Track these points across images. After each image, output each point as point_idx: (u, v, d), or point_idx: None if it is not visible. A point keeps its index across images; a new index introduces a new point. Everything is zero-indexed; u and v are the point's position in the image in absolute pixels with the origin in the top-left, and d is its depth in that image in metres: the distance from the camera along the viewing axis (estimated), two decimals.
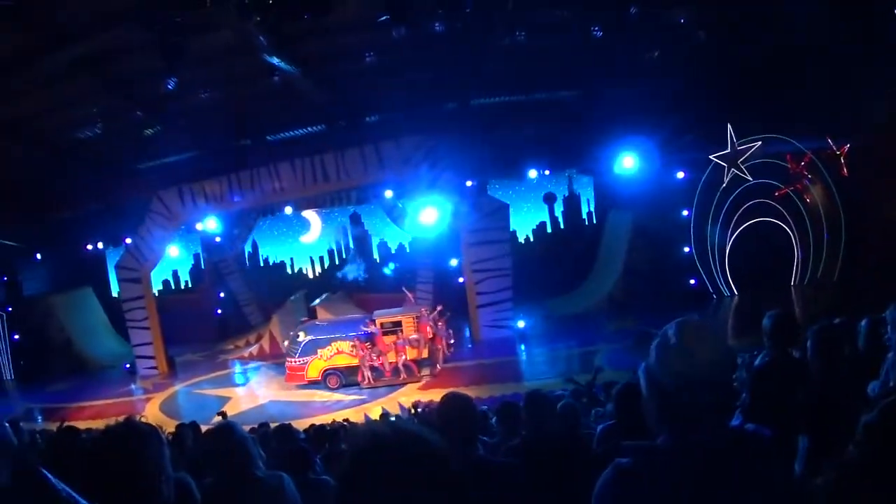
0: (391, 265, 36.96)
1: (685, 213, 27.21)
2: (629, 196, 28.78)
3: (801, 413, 3.80)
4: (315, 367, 24.34)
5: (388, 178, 28.48)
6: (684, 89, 24.29)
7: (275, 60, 19.78)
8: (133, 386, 29.22)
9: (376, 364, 23.92)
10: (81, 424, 13.00)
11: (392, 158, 27.22)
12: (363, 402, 22.54)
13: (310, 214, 34.44)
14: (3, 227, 31.96)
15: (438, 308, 26.02)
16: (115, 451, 2.96)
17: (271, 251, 39.38)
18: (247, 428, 5.21)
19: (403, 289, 28.90)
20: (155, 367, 30.33)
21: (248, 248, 37.82)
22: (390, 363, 23.86)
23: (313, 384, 24.50)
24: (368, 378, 23.89)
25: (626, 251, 29.44)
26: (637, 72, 23.35)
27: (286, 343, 25.89)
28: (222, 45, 18.77)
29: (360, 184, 29.20)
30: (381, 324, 24.10)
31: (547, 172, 29.71)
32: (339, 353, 24.29)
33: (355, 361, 24.08)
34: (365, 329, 24.20)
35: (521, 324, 27.44)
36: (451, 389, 6.33)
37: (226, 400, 24.67)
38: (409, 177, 27.40)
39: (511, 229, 29.93)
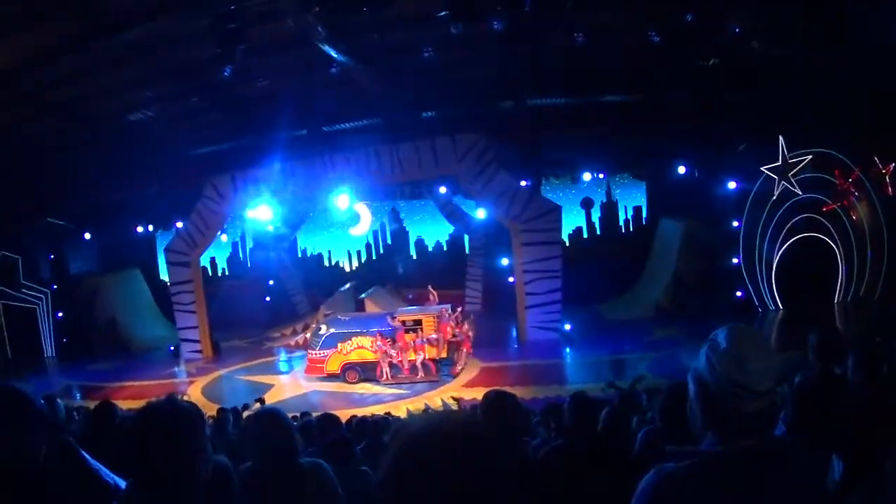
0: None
1: (735, 223, 26.99)
2: (682, 203, 28.61)
3: (840, 430, 3.77)
4: (335, 360, 24.48)
5: (442, 173, 28.42)
6: (739, 98, 24.16)
7: (333, 52, 19.76)
8: (176, 368, 29.40)
9: (395, 361, 23.96)
10: (121, 404, 13.07)
11: (447, 154, 27.11)
12: (405, 396, 22.44)
13: (360, 207, 34.43)
14: (54, 207, 32.25)
15: (459, 309, 26.25)
16: (155, 428, 2.93)
17: (309, 242, 39.58)
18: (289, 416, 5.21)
19: (429, 287, 28.79)
20: (199, 351, 30.48)
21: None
22: (409, 361, 23.86)
23: (332, 377, 24.65)
24: (387, 374, 23.95)
25: (676, 260, 29.13)
26: (694, 79, 23.27)
27: (308, 335, 25.99)
28: (281, 34, 18.74)
29: (414, 178, 29.19)
30: (402, 321, 24.19)
31: (601, 176, 29.56)
32: (360, 348, 24.38)
33: (375, 357, 24.11)
34: (386, 326, 24.28)
35: (567, 327, 27.25)
36: (494, 387, 6.33)
37: (269, 387, 24.67)
38: (464, 174, 27.24)
39: None
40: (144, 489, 2.86)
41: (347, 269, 39.60)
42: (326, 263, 39.87)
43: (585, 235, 35.78)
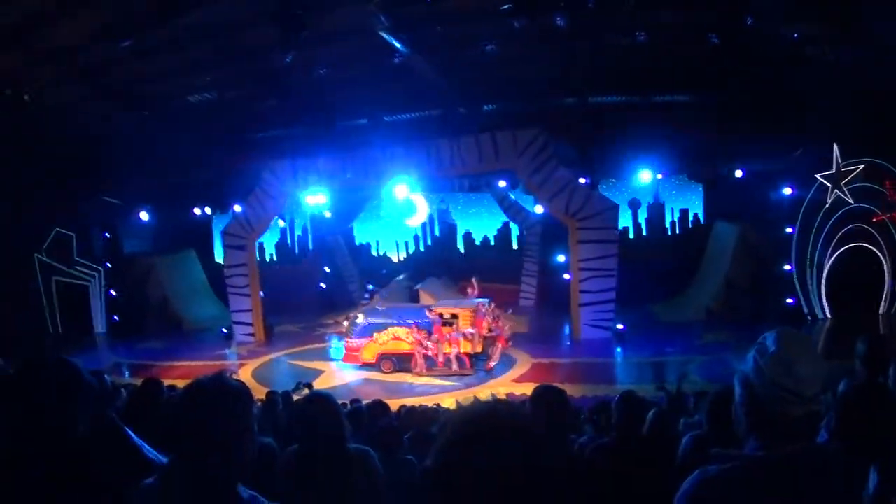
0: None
1: (789, 229, 26.78)
2: (737, 207, 28.43)
3: (882, 439, 3.72)
4: (370, 349, 24.75)
5: (502, 167, 28.37)
6: (798, 104, 23.96)
7: (395, 42, 19.75)
8: (227, 350, 29.67)
9: (430, 353, 24.04)
10: (170, 383, 13.19)
11: (507, 149, 27.06)
12: (454, 388, 22.40)
13: (416, 198, 34.52)
14: (111, 186, 32.54)
15: (493, 305, 26.23)
16: (202, 404, 2.91)
17: (358, 231, 39.70)
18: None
19: (473, 280, 28.83)
20: (252, 335, 30.78)
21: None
22: (444, 354, 23.93)
23: (368, 366, 24.92)
24: (421, 366, 24.04)
25: (728, 263, 28.90)
26: (753, 82, 23.11)
27: (346, 323, 26.16)
28: (344, 22, 18.75)
29: (473, 171, 29.09)
30: (439, 314, 24.31)
31: (659, 176, 29.40)
32: (395, 338, 24.60)
33: (410, 348, 24.30)
34: (422, 318, 24.47)
35: (619, 326, 27.17)
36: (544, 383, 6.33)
37: (319, 373, 24.86)
38: (523, 168, 27.16)
39: None
40: (186, 466, 2.85)
41: (395, 259, 39.69)
42: (374, 253, 39.97)
43: (631, 236, 35.62)
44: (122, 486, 3.06)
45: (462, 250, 38.85)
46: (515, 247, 37.12)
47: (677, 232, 35.21)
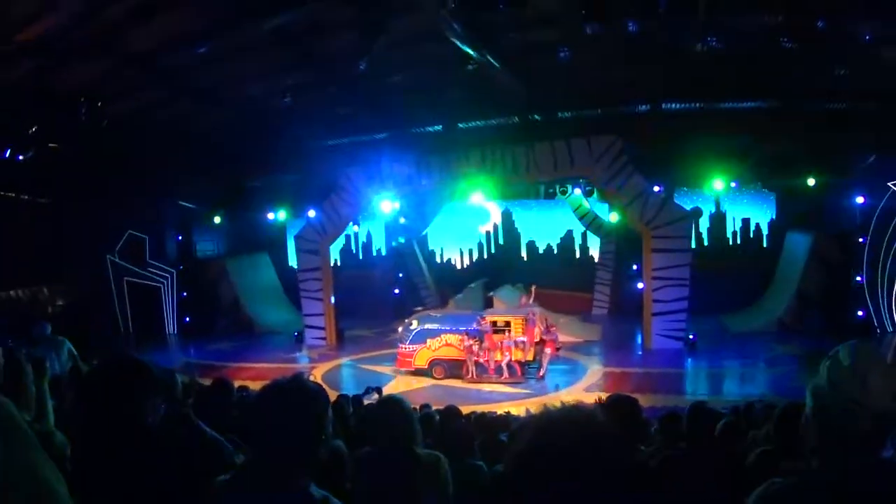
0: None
1: (861, 240, 26.45)
2: (810, 216, 28.13)
3: None
4: (423, 355, 25.02)
5: (576, 174, 28.22)
6: (870, 110, 23.65)
7: (469, 49, 19.73)
8: (298, 353, 29.93)
9: (481, 360, 24.14)
10: (239, 384, 13.31)
11: (582, 156, 27.01)
12: (525, 396, 22.35)
13: (489, 205, 34.63)
14: (188, 189, 32.95)
15: (543, 313, 26.53)
16: (282, 404, 2.96)
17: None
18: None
19: (533, 287, 28.96)
20: (323, 338, 30.99)
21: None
22: (495, 361, 23.99)
23: (420, 372, 25.11)
24: (472, 373, 24.20)
25: (800, 275, 28.50)
26: (827, 88, 22.79)
27: (400, 329, 26.25)
28: (418, 29, 18.76)
29: (548, 178, 29.04)
30: (491, 322, 24.43)
31: (733, 185, 29.14)
32: (447, 345, 24.82)
33: (461, 355, 24.43)
34: (474, 326, 24.52)
35: (691, 336, 26.95)
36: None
37: (389, 378, 24.99)
38: (598, 175, 27.09)
39: None
40: (262, 463, 2.90)
41: (459, 265, 39.69)
42: (438, 259, 40.00)
43: (693, 245, 35.37)
44: (200, 474, 3.19)
45: (525, 258, 38.78)
46: (578, 255, 36.87)
47: (738, 241, 34.76)
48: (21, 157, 20.62)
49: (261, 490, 2.85)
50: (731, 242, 34.96)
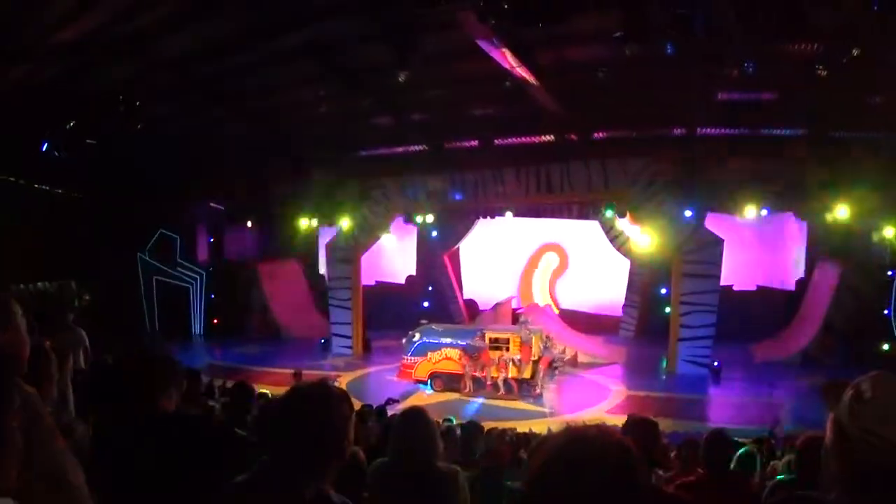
0: None
1: (890, 273, 26.28)
2: (839, 248, 27.97)
3: None
4: (423, 368, 25.46)
5: (610, 196, 28.30)
6: None
7: (508, 65, 19.69)
8: (323, 361, 29.96)
9: (479, 376, 24.45)
10: (262, 389, 13.36)
11: (617, 177, 27.11)
12: (547, 415, 22.43)
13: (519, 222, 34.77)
14: (219, 193, 33.27)
15: (546, 334, 26.79)
16: (306, 407, 2.97)
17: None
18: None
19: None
20: (350, 347, 31.30)
21: None
22: (492, 377, 24.25)
23: (420, 383, 25.51)
24: (469, 388, 24.52)
25: (827, 306, 28.29)
26: (863, 116, 22.74)
27: (404, 341, 26.51)
28: (456, 44, 18.82)
29: (582, 199, 29.18)
30: (489, 339, 24.68)
31: (764, 213, 28.94)
32: (447, 359, 25.16)
33: (460, 369, 24.78)
34: (473, 341, 24.81)
35: (715, 363, 26.86)
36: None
37: (414, 390, 25.02)
38: (632, 197, 27.17)
39: None
40: (282, 465, 2.92)
41: (488, 281, 39.61)
42: (470, 274, 39.95)
43: None
44: (219, 469, 3.27)
45: None
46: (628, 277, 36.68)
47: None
48: (57, 153, 20.87)
49: (279, 491, 2.87)
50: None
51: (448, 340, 25.42)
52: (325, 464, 2.94)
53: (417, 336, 25.92)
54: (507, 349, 24.34)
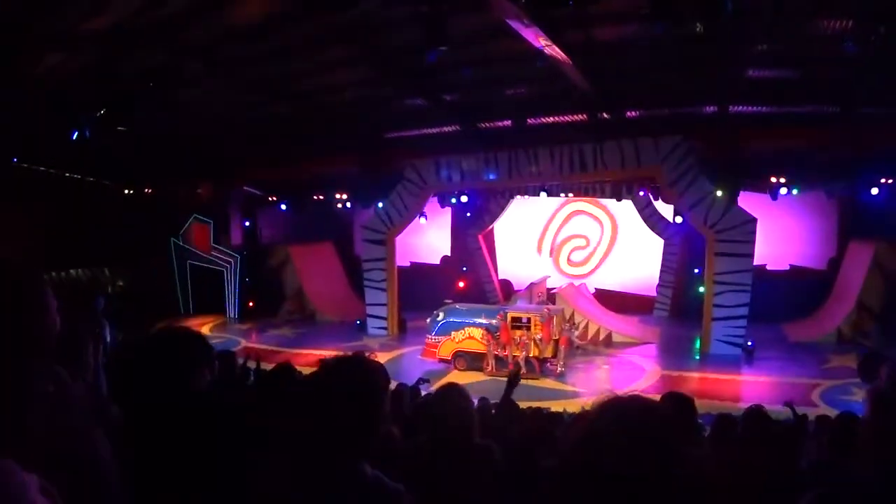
0: None
1: None
2: (874, 226, 27.74)
3: None
4: (447, 347, 25.65)
5: (643, 174, 28.34)
6: None
7: (539, 45, 19.62)
8: (359, 342, 29.91)
9: (501, 355, 24.60)
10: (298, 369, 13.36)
11: (649, 156, 27.03)
12: (577, 395, 22.53)
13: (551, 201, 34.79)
14: (257, 177, 33.51)
15: (569, 314, 27.18)
16: (343, 378, 2.99)
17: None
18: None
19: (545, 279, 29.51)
20: (385, 328, 31.49)
21: None
22: (514, 356, 24.33)
23: (444, 362, 25.75)
24: (492, 367, 24.70)
25: (861, 285, 28.16)
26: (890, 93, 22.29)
27: (428, 320, 26.75)
28: (487, 24, 18.77)
29: (615, 177, 29.17)
30: (510, 318, 24.81)
31: (795, 192, 28.73)
32: (470, 338, 25.33)
33: (482, 349, 25.01)
34: (496, 321, 25.02)
35: (749, 343, 26.82)
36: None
37: (447, 370, 25.16)
38: (664, 175, 27.11)
39: None
40: (317, 437, 2.92)
41: (523, 261, 39.65)
42: (505, 254, 40.02)
43: None
44: (253, 445, 3.32)
45: None
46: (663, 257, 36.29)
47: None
48: (88, 140, 21.05)
49: (314, 464, 2.89)
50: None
51: (471, 320, 25.65)
52: (360, 438, 2.95)
53: (441, 315, 26.13)
54: (529, 328, 24.47)
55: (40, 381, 2.24)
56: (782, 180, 27.56)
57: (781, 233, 31.83)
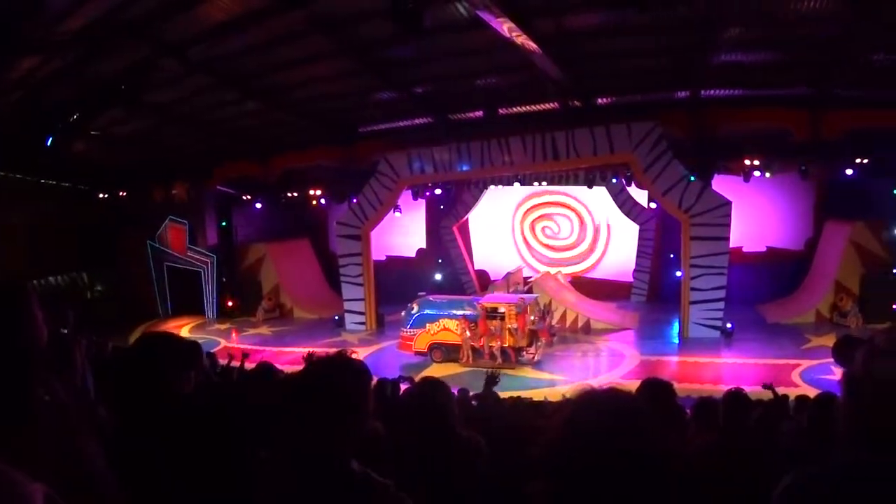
0: None
1: None
2: (848, 207, 27.89)
3: None
4: (423, 339, 25.77)
5: (616, 160, 28.19)
6: None
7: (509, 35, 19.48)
8: (338, 338, 30.00)
9: (477, 345, 24.73)
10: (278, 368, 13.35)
11: (622, 141, 26.96)
12: (562, 383, 22.48)
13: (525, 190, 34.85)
14: (231, 174, 33.37)
15: (544, 303, 27.02)
16: (327, 378, 2.99)
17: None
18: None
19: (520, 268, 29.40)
20: (363, 323, 31.48)
21: None
22: (489, 347, 24.49)
23: (420, 355, 25.80)
24: (468, 357, 24.85)
25: (838, 266, 28.35)
26: (867, 75, 22.66)
27: (403, 313, 26.84)
28: (458, 16, 18.71)
29: (588, 164, 28.99)
30: (485, 309, 24.82)
31: (768, 175, 28.81)
32: (446, 329, 25.45)
33: (458, 340, 25.12)
34: (470, 312, 25.13)
35: (728, 325, 26.92)
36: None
37: (427, 363, 25.28)
38: (638, 161, 27.02)
39: None
40: (305, 437, 2.91)
41: (498, 251, 39.65)
42: (480, 245, 39.97)
43: None
44: (239, 446, 3.35)
45: None
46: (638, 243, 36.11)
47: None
48: (61, 145, 20.89)
49: (303, 464, 2.90)
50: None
51: (446, 311, 25.68)
52: (347, 435, 2.95)
53: (416, 308, 26.15)
54: (504, 318, 24.48)
55: (36, 391, 2.30)
56: (756, 163, 27.58)
57: (757, 215, 31.93)
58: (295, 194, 33.99)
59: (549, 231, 37.84)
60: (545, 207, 37.57)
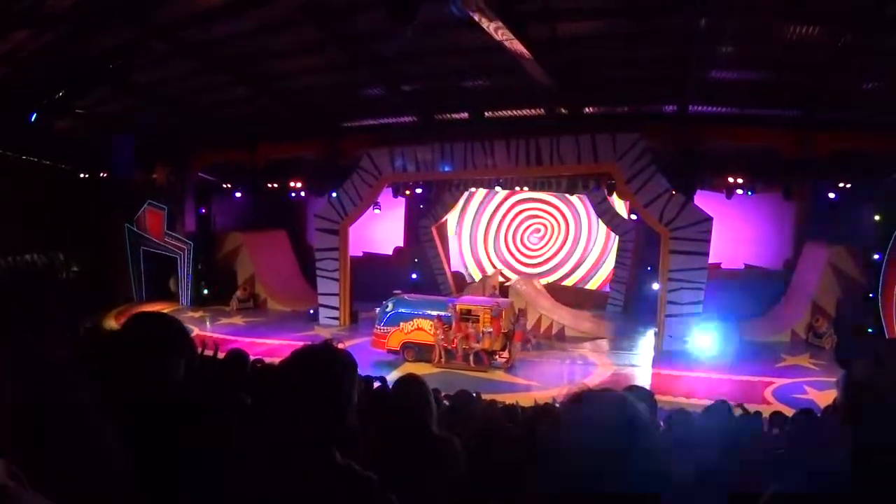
0: None
1: (877, 256, 26.20)
2: (828, 229, 28.00)
3: None
4: (396, 338, 25.71)
5: (599, 170, 28.23)
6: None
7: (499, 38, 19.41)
8: (311, 332, 29.63)
9: (450, 347, 24.75)
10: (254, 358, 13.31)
11: (606, 151, 26.97)
12: (535, 388, 22.21)
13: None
14: (213, 161, 33.20)
15: (519, 308, 27.16)
16: (314, 368, 2.97)
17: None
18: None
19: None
20: (337, 318, 31.30)
21: None
22: (462, 349, 24.50)
23: (392, 353, 25.71)
24: (441, 358, 24.82)
25: (816, 287, 28.40)
26: (855, 97, 22.80)
27: (377, 310, 26.74)
28: (448, 16, 18.67)
29: (571, 172, 29.02)
30: (460, 311, 24.86)
31: (750, 193, 28.88)
32: (419, 329, 25.44)
33: (431, 340, 25.09)
34: (445, 313, 25.14)
35: (705, 339, 26.87)
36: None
37: (400, 362, 25.14)
38: (621, 172, 27.01)
39: None
40: (290, 426, 2.88)
41: (479, 254, 39.71)
42: (456, 247, 39.96)
43: None
44: (222, 434, 3.25)
45: None
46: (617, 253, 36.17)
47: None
48: (45, 122, 20.69)
49: (285, 453, 2.85)
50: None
51: (420, 311, 25.65)
52: (332, 426, 2.92)
53: (390, 306, 26.08)
54: (478, 321, 24.46)
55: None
56: (739, 181, 27.65)
57: (738, 232, 32.09)
58: (276, 185, 33.87)
59: (529, 238, 37.82)
60: (526, 212, 37.58)
